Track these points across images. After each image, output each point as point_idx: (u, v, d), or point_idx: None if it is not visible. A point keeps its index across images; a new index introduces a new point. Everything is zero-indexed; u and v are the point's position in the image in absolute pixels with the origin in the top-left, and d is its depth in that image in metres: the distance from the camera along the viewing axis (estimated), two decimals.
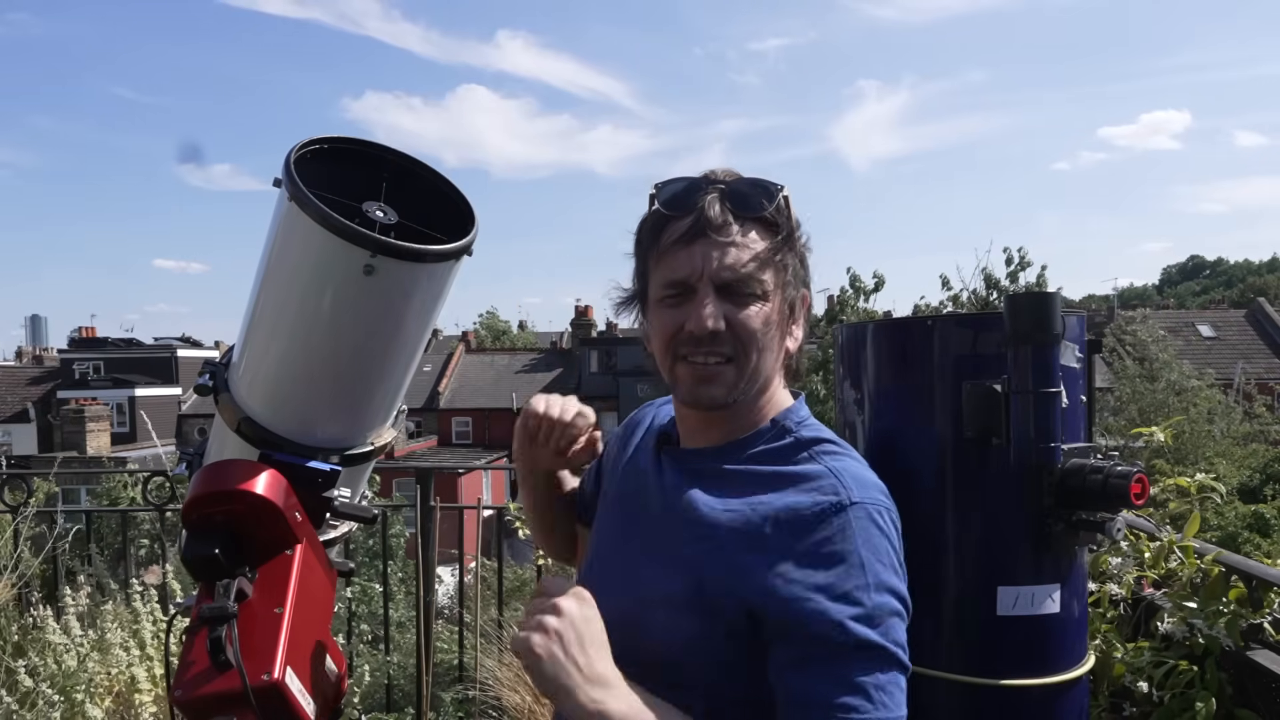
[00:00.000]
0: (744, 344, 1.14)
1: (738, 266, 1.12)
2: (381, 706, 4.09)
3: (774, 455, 1.18)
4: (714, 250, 1.12)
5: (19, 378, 38.35)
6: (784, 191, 1.15)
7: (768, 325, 1.15)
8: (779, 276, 1.15)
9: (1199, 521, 2.32)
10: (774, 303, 1.15)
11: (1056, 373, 1.82)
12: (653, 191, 1.17)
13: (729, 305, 1.12)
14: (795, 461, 1.16)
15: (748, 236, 1.13)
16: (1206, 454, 15.53)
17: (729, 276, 1.12)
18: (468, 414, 35.36)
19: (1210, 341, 30.67)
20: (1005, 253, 11.35)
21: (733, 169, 1.18)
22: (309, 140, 1.17)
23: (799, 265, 1.19)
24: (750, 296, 1.13)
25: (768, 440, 1.19)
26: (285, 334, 1.19)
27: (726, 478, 1.17)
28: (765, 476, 1.15)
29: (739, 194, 1.14)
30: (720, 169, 1.17)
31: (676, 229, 1.13)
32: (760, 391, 1.19)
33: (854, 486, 1.12)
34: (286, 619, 1.10)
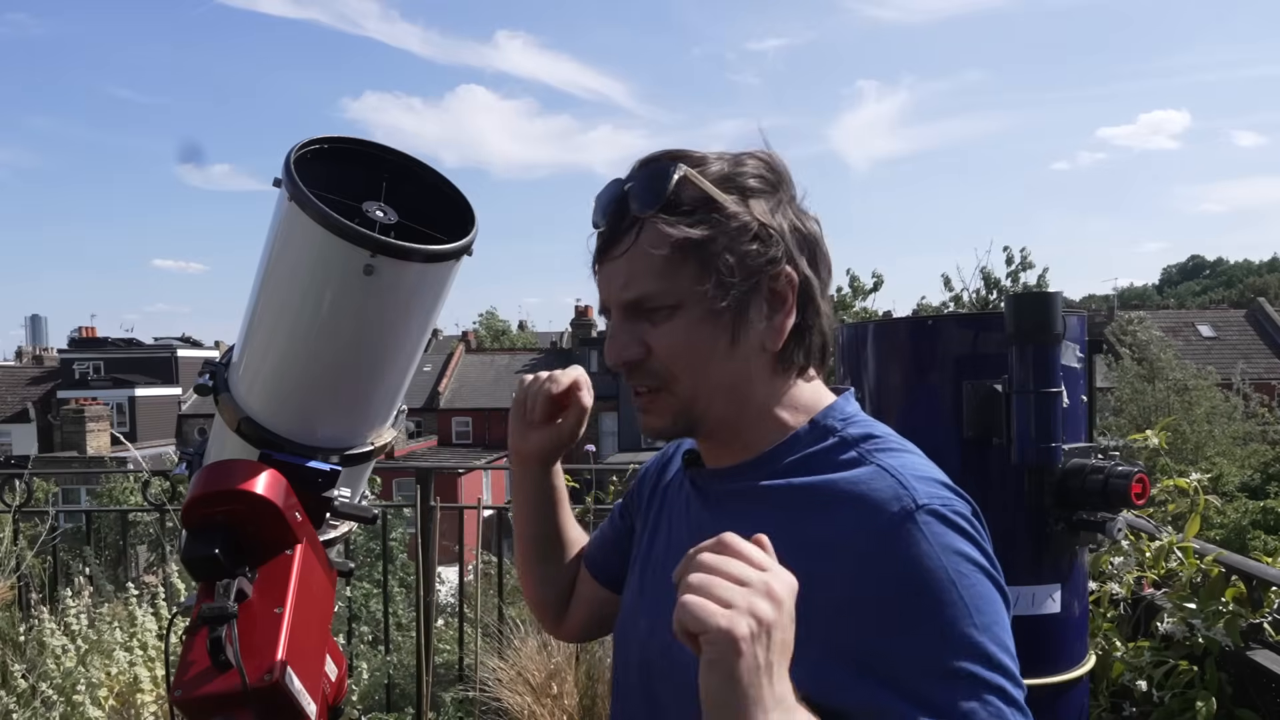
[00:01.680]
0: (667, 367, 0.97)
1: (632, 281, 0.96)
2: (381, 706, 4.09)
3: (815, 461, 0.97)
4: (613, 266, 0.98)
5: (19, 378, 38.36)
6: (678, 171, 0.94)
7: (695, 336, 0.96)
8: (701, 275, 0.94)
9: (1199, 522, 2.32)
10: (698, 308, 0.95)
11: (1057, 373, 1.82)
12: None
13: (645, 325, 0.97)
14: (841, 465, 0.95)
15: (644, 241, 0.95)
16: (1207, 453, 15.54)
17: (629, 296, 0.97)
18: (468, 414, 35.36)
19: (1210, 341, 30.67)
20: (1005, 252, 11.33)
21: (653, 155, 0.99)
22: (309, 140, 1.17)
23: (751, 245, 0.96)
24: (661, 311, 0.96)
25: (806, 445, 0.99)
26: (285, 334, 1.19)
27: (761, 498, 0.98)
28: (806, 490, 0.95)
29: (634, 194, 0.96)
30: (646, 157, 1.00)
31: (594, 248, 1.02)
32: (741, 406, 1.00)
33: (917, 485, 0.90)
34: (286, 619, 1.10)
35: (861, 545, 0.87)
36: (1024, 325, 1.80)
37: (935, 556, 0.85)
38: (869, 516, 0.88)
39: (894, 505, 0.88)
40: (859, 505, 0.90)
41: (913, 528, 0.86)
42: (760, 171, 0.98)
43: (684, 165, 0.95)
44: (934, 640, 0.84)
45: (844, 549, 0.88)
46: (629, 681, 1.10)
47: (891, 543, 0.86)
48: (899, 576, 0.85)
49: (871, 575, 0.86)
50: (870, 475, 0.92)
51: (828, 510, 0.92)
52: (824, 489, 0.94)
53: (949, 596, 0.84)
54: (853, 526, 0.89)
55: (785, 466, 0.98)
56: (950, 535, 0.87)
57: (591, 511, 3.94)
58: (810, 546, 0.88)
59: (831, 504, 0.92)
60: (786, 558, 0.83)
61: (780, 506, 0.96)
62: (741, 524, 0.89)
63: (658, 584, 1.07)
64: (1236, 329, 31.94)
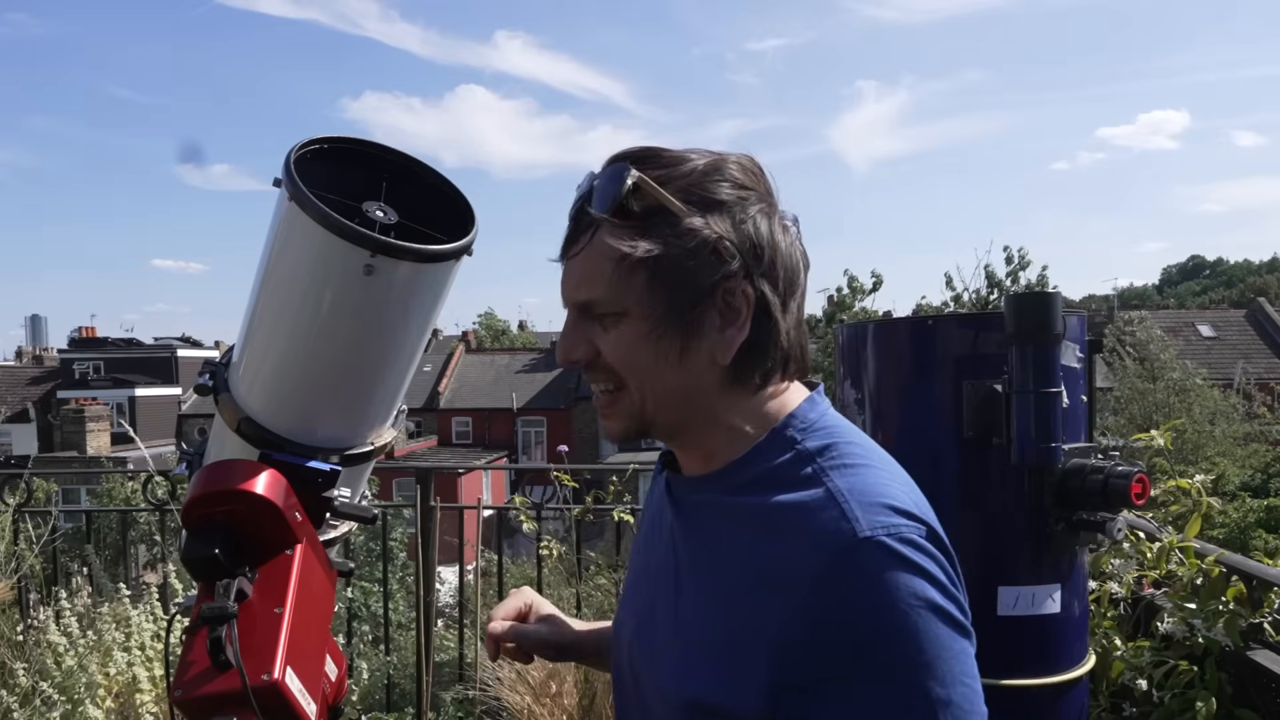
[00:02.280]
0: (619, 369, 0.95)
1: (582, 283, 0.95)
2: (381, 706, 4.10)
3: (775, 478, 0.93)
4: (569, 266, 0.97)
5: (19, 378, 38.36)
6: (631, 178, 0.90)
7: (640, 345, 0.93)
8: (654, 282, 0.91)
9: (1200, 522, 2.32)
10: (641, 318, 0.93)
11: (1057, 373, 1.82)
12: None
13: (595, 327, 0.96)
14: (799, 483, 0.91)
15: (597, 245, 0.93)
16: (1208, 453, 15.54)
17: (579, 298, 0.96)
18: (468, 414, 35.38)
19: (1210, 341, 30.68)
20: (1005, 252, 11.34)
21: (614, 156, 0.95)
22: (309, 140, 1.17)
23: (704, 258, 0.91)
24: (609, 316, 0.94)
25: (767, 459, 0.95)
26: (285, 334, 1.19)
27: (725, 514, 0.96)
28: (763, 513, 0.91)
29: (589, 196, 0.94)
30: (621, 151, 0.96)
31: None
32: (703, 413, 0.97)
33: (860, 514, 0.84)
34: (286, 619, 1.10)
35: (806, 581, 0.83)
36: (1024, 325, 1.80)
37: (876, 598, 0.81)
38: (812, 550, 0.84)
39: (835, 539, 0.83)
40: (804, 536, 0.86)
41: (852, 565, 0.82)
42: (733, 177, 0.94)
43: (636, 171, 0.91)
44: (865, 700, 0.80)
45: (791, 584, 0.84)
46: (623, 679, 1.11)
47: (833, 580, 0.82)
48: (840, 623, 0.81)
49: (815, 618, 0.82)
50: (817, 501, 0.87)
51: (781, 537, 0.88)
52: (777, 514, 0.90)
53: (889, 649, 0.80)
54: (798, 560, 0.85)
55: (747, 482, 0.94)
56: (893, 572, 0.81)
57: (591, 512, 3.94)
58: (765, 576, 0.86)
59: (784, 530, 0.88)
60: (744, 585, 0.89)
61: (742, 526, 0.93)
62: (707, 541, 0.97)
63: (638, 582, 1.12)
64: (1236, 329, 31.94)
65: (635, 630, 1.07)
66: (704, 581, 0.95)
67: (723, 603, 0.91)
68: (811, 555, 0.84)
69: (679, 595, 0.97)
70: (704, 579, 0.95)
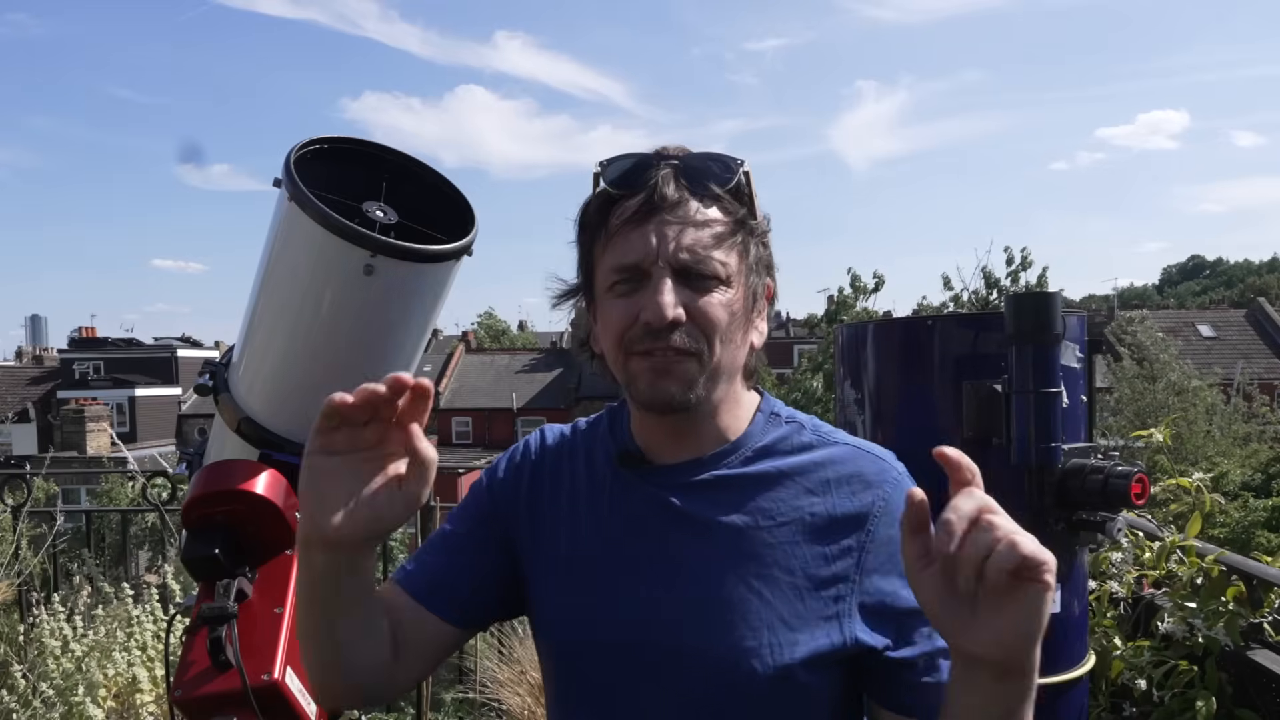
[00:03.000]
0: (706, 334, 1.00)
1: (697, 247, 0.99)
2: (381, 707, 4.09)
3: (779, 447, 1.07)
4: (669, 229, 1.00)
5: (19, 378, 38.35)
6: (744, 167, 1.04)
7: (732, 314, 1.02)
8: (741, 260, 1.03)
9: (1200, 521, 2.32)
10: (737, 289, 1.02)
11: (1057, 373, 1.82)
12: (597, 169, 1.04)
13: (688, 292, 1.00)
14: (806, 447, 1.07)
15: (707, 214, 1.01)
16: (1208, 453, 15.53)
17: (687, 259, 0.99)
18: (467, 414, 35.35)
19: (1210, 341, 30.67)
20: (1006, 252, 11.33)
21: (685, 145, 1.06)
22: (309, 140, 1.17)
23: (762, 250, 1.07)
24: (712, 280, 1.00)
25: (766, 432, 1.09)
26: (285, 334, 1.19)
27: (758, 483, 1.06)
28: (798, 472, 1.06)
29: (694, 169, 1.02)
30: (672, 145, 1.05)
31: (626, 208, 1.01)
32: (728, 391, 1.07)
33: (888, 456, 1.08)
34: (286, 619, 1.10)
35: (873, 516, 1.02)
36: (1024, 325, 1.80)
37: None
38: (871, 490, 1.03)
39: (887, 475, 1.04)
40: (854, 482, 1.04)
41: (901, 490, 1.01)
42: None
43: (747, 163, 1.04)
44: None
45: (861, 520, 1.02)
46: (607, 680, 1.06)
47: (893, 506, 1.01)
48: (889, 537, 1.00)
49: (882, 540, 1.01)
50: (848, 454, 1.06)
51: (833, 486, 1.04)
52: (818, 469, 1.05)
53: None
54: (862, 501, 1.03)
55: (755, 454, 1.07)
56: None
57: None
58: (831, 520, 1.02)
59: (830, 483, 1.04)
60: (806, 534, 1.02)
61: (779, 487, 1.05)
62: (738, 509, 1.04)
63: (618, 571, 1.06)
64: (1236, 329, 31.93)
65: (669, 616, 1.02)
66: (748, 546, 1.02)
67: (788, 559, 1.01)
68: (864, 494, 1.03)
69: (722, 571, 1.02)
70: (746, 544, 1.02)
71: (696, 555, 1.03)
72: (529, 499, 1.13)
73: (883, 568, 1.01)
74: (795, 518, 1.03)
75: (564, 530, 1.11)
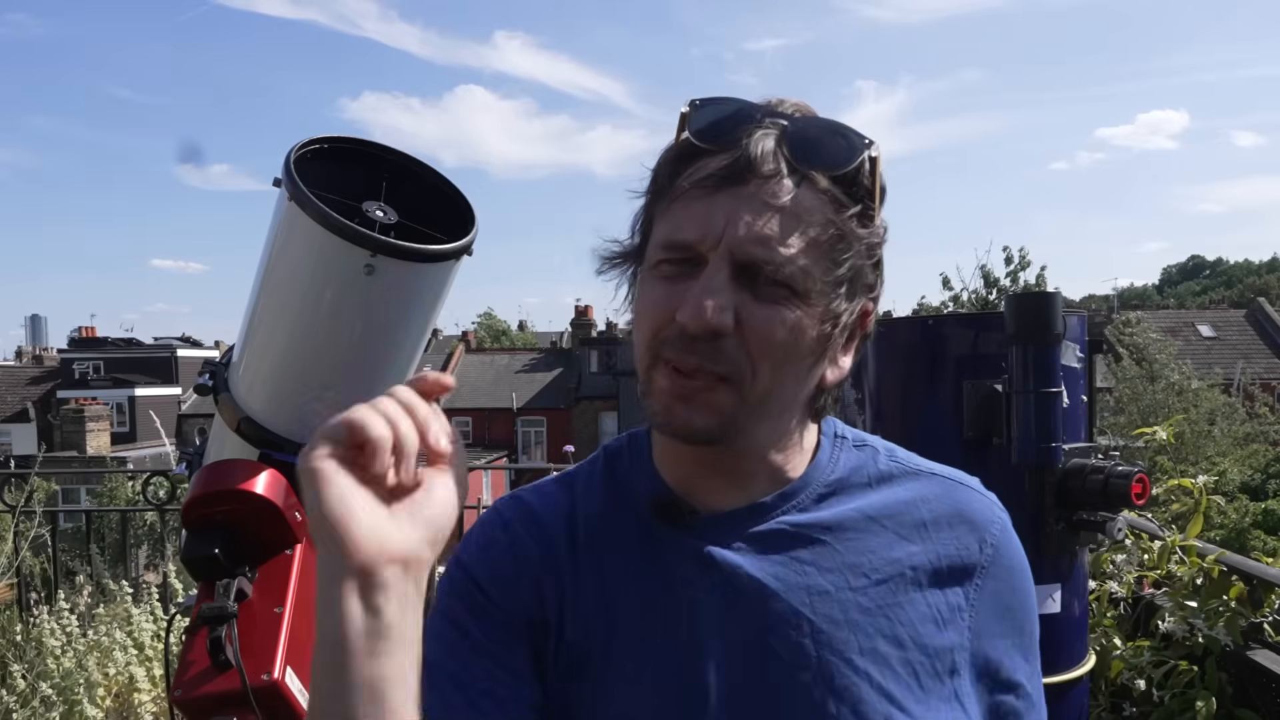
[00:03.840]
0: (753, 356, 0.76)
1: (773, 241, 0.75)
2: None
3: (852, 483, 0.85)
4: (745, 208, 0.75)
5: (19, 377, 38.34)
6: (871, 150, 0.79)
7: (797, 339, 0.77)
8: (831, 271, 0.78)
9: (1201, 522, 2.32)
10: (815, 308, 0.77)
11: (1057, 373, 1.82)
12: (685, 110, 0.81)
13: (745, 295, 0.76)
14: (886, 480, 0.86)
15: (800, 201, 0.76)
16: (1208, 453, 15.53)
17: (757, 253, 0.75)
18: (467, 414, 35.35)
19: (1210, 341, 30.66)
20: (1005, 252, 11.35)
21: (807, 105, 0.82)
22: (309, 140, 1.17)
23: (867, 264, 0.81)
24: (782, 289, 0.76)
25: (835, 467, 0.86)
26: (285, 333, 1.19)
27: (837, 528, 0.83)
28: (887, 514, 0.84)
29: (804, 138, 0.77)
30: (791, 100, 0.82)
31: (704, 167, 0.77)
32: (780, 430, 0.83)
33: (987, 492, 0.90)
34: (286, 619, 1.10)
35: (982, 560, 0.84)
36: (1024, 325, 1.80)
37: (1023, 556, 0.88)
38: (969, 533, 0.85)
39: (991, 519, 0.86)
40: (956, 524, 0.85)
41: (1010, 535, 0.87)
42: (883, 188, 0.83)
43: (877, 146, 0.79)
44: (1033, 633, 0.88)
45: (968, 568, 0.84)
46: None
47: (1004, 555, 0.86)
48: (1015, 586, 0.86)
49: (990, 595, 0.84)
50: (944, 489, 0.87)
51: (924, 533, 0.84)
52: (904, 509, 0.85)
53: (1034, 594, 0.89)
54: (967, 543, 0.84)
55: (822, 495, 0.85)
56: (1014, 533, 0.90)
57: None
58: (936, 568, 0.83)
59: (926, 526, 0.84)
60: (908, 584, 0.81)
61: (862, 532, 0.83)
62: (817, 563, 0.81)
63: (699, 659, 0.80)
64: (1236, 329, 31.93)
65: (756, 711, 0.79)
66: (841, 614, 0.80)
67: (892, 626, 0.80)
68: (978, 540, 0.85)
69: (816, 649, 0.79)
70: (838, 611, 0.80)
71: (777, 633, 0.79)
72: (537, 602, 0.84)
73: (991, 629, 0.83)
74: (894, 573, 0.81)
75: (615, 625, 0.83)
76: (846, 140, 0.78)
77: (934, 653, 0.80)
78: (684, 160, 0.79)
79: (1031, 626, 0.88)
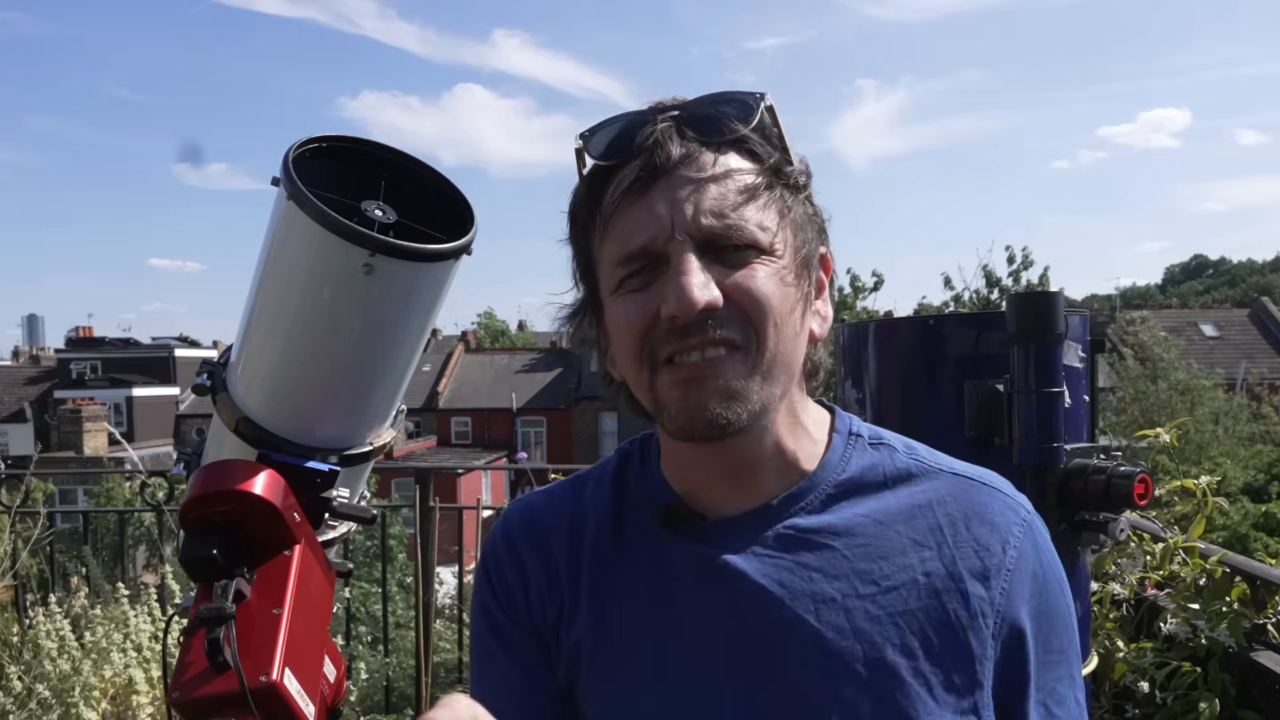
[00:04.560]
0: (754, 318, 0.76)
1: (724, 208, 0.76)
2: (380, 708, 4.09)
3: (869, 481, 0.83)
4: (682, 191, 0.76)
5: (16, 377, 38.32)
6: (765, 101, 0.80)
7: (785, 288, 0.77)
8: (784, 219, 0.78)
9: (1204, 523, 2.31)
10: (784, 257, 0.78)
11: (1059, 372, 1.81)
12: (578, 144, 0.82)
13: (720, 268, 0.76)
14: (907, 477, 0.83)
15: (728, 164, 0.78)
16: (1211, 454, 15.54)
17: (714, 225, 0.75)
18: (467, 414, 35.37)
19: (1213, 341, 30.68)
20: (1007, 251, 11.37)
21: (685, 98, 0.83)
22: (307, 139, 1.16)
23: (809, 206, 0.82)
24: (749, 249, 0.76)
25: (846, 460, 0.84)
26: (283, 333, 1.18)
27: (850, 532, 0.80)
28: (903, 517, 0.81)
29: (700, 116, 0.79)
30: (669, 98, 0.82)
31: (623, 179, 0.78)
32: (787, 398, 0.81)
33: (1012, 490, 0.86)
34: (285, 620, 1.09)
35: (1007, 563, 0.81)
36: (1026, 325, 1.80)
37: (1056, 562, 0.86)
38: (989, 534, 0.81)
39: (1016, 514, 0.84)
40: (975, 525, 0.81)
41: (1037, 538, 0.84)
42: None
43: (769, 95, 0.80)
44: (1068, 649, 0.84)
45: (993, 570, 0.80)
46: None
47: (1030, 557, 0.83)
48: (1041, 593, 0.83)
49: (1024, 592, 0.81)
50: (963, 488, 0.84)
51: (939, 536, 0.81)
52: (918, 512, 0.82)
53: (1067, 603, 0.86)
54: (990, 546, 0.81)
55: (837, 493, 0.82)
56: (1047, 537, 0.87)
57: None
58: (958, 571, 0.80)
59: (942, 529, 0.81)
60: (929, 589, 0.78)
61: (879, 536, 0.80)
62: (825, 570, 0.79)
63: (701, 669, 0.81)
64: (1239, 328, 31.94)
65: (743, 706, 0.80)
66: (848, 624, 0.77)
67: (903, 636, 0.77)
68: (1000, 539, 0.81)
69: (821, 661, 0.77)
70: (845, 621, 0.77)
71: (781, 641, 0.78)
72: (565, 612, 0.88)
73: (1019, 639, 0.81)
74: (905, 580, 0.79)
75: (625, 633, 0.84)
76: (740, 100, 0.80)
77: (950, 663, 0.76)
78: (598, 185, 0.81)
79: (1064, 641, 0.83)
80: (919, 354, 2.02)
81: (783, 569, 0.79)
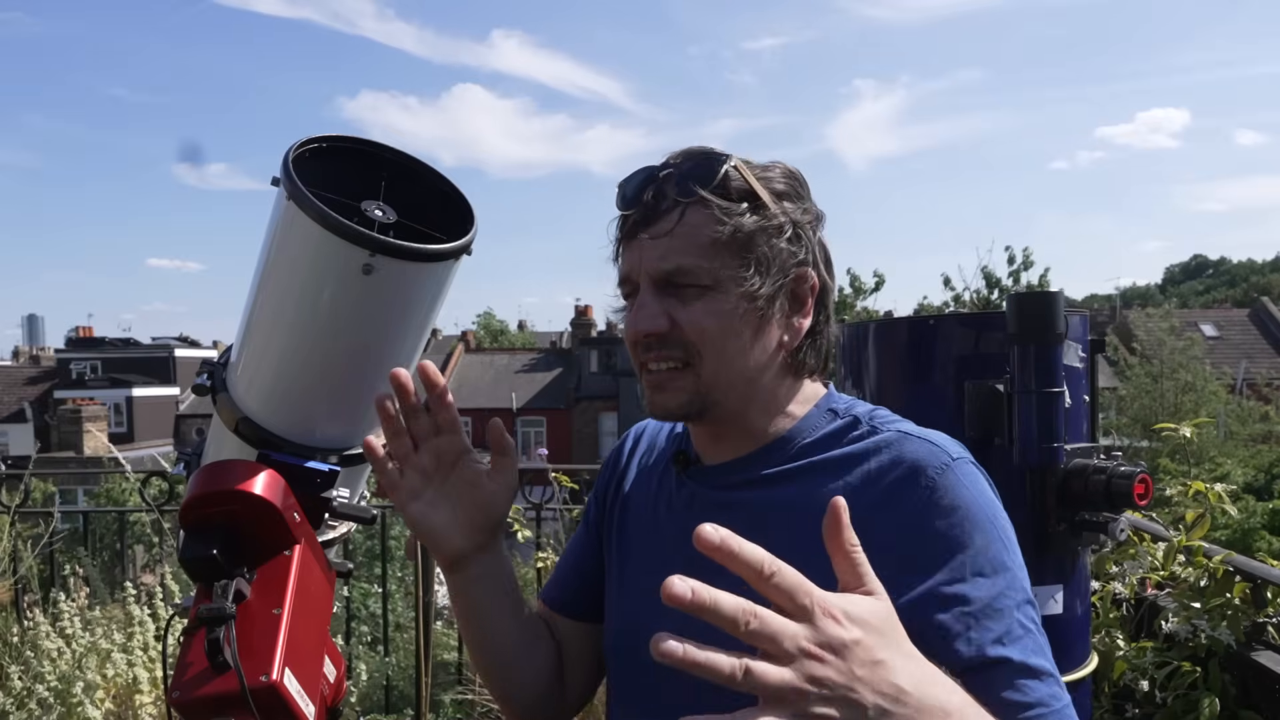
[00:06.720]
0: (694, 344, 1.00)
1: (671, 254, 1.00)
2: (380, 708, 4.09)
3: (830, 440, 1.03)
4: (649, 241, 1.02)
5: (16, 377, 38.32)
6: (730, 163, 1.01)
7: (724, 319, 1.00)
8: (739, 260, 1.00)
9: (1208, 524, 2.31)
10: (731, 293, 1.00)
11: (1059, 372, 1.81)
12: (618, 190, 1.09)
13: (673, 301, 1.01)
14: (856, 439, 1.01)
15: (689, 221, 1.00)
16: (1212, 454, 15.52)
17: (665, 267, 1.00)
18: (467, 414, 35.33)
19: (1213, 341, 30.66)
20: (1007, 252, 11.36)
21: (701, 147, 1.05)
22: (307, 139, 1.16)
23: (784, 245, 1.02)
24: (695, 289, 1.00)
25: (816, 428, 1.05)
26: (284, 333, 1.18)
27: (802, 477, 1.02)
28: (836, 464, 1.00)
29: (680, 174, 1.02)
30: (687, 149, 1.05)
31: (627, 222, 1.06)
32: (753, 394, 1.05)
33: (945, 441, 0.98)
34: (285, 620, 1.09)
35: (909, 503, 0.93)
36: (1026, 325, 1.80)
37: (978, 503, 0.94)
38: (911, 476, 0.95)
39: (933, 460, 0.95)
40: (900, 465, 0.96)
41: (954, 479, 0.94)
42: (787, 177, 1.05)
43: (735, 158, 1.01)
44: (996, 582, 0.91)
45: (892, 510, 0.94)
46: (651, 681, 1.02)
47: (940, 496, 0.93)
48: (952, 526, 0.92)
49: (928, 530, 0.92)
50: (896, 440, 0.98)
51: (876, 472, 0.97)
52: (862, 457, 0.98)
53: (994, 535, 0.93)
54: (897, 488, 0.95)
55: (800, 449, 1.04)
56: (983, 483, 0.97)
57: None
58: (873, 504, 0.93)
59: (871, 475, 0.97)
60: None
61: (823, 478, 0.99)
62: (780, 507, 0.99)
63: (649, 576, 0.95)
64: (1239, 328, 31.93)
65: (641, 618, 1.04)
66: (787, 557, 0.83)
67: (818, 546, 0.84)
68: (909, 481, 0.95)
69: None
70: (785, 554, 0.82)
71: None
72: (613, 503, 1.22)
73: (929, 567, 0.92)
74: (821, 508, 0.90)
75: (631, 532, 1.17)
76: (705, 163, 1.01)
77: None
78: (620, 223, 1.07)
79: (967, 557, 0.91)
80: (919, 354, 2.02)
81: (744, 506, 1.02)
